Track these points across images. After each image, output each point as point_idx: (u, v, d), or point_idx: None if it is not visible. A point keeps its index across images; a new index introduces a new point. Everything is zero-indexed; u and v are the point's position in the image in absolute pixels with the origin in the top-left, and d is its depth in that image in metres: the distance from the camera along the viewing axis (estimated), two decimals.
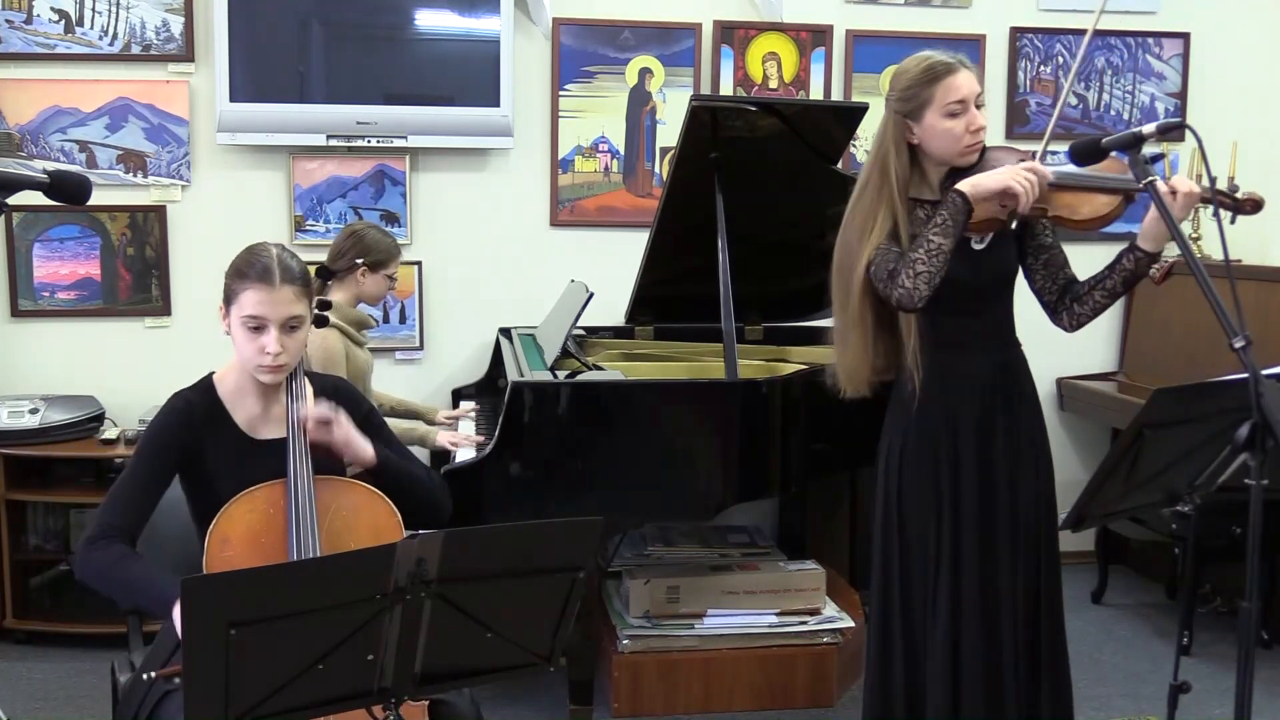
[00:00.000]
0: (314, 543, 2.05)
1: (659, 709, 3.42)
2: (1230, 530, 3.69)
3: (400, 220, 4.29)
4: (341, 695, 1.68)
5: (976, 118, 2.42)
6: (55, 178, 2.06)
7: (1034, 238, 2.55)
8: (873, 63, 4.50)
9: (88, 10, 4.08)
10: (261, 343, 2.12)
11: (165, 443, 2.18)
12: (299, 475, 2.11)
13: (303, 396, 2.21)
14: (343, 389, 2.36)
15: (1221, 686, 3.53)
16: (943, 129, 2.41)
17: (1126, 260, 2.42)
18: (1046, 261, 2.54)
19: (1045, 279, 2.55)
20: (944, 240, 2.34)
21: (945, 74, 2.40)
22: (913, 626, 2.54)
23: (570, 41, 4.34)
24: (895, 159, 2.45)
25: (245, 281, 2.13)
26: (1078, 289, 2.52)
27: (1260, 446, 1.79)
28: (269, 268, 2.12)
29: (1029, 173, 2.33)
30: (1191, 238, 4.44)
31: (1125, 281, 2.45)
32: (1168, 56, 4.68)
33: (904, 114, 2.45)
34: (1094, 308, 2.50)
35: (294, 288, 2.14)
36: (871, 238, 2.44)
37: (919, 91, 2.42)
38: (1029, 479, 2.51)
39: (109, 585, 2.07)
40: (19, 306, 4.15)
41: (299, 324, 2.16)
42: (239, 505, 2.09)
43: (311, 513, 2.07)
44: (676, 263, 3.66)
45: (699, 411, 3.17)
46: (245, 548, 2.05)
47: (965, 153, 2.44)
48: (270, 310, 2.11)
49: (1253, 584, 1.83)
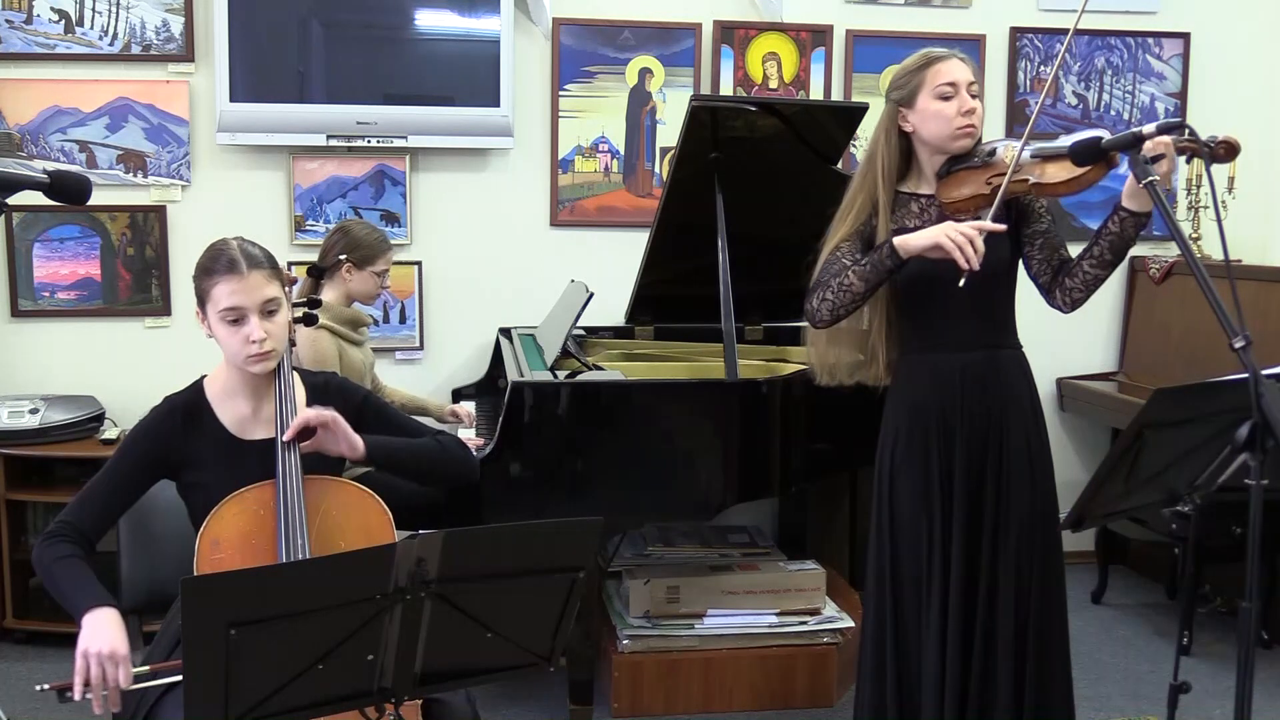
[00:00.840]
0: (303, 543, 2.04)
1: (659, 709, 3.42)
2: (1230, 530, 3.69)
3: (400, 220, 4.30)
4: (341, 695, 1.68)
5: (967, 100, 2.44)
6: (55, 178, 2.06)
7: (1029, 224, 2.53)
8: (873, 63, 4.50)
9: (88, 10, 4.08)
10: (244, 333, 2.12)
11: (143, 450, 2.19)
12: (288, 476, 2.10)
13: (292, 395, 2.21)
14: (334, 383, 2.34)
15: (1221, 686, 3.53)
16: (934, 110, 2.44)
17: (1112, 223, 2.37)
18: (1042, 245, 2.52)
19: (1041, 262, 2.52)
20: (860, 283, 2.42)
21: (937, 60, 2.47)
22: (904, 626, 2.55)
23: (570, 41, 4.34)
24: (884, 146, 2.51)
25: (214, 277, 2.13)
26: (1069, 265, 2.49)
27: (1260, 446, 1.79)
28: (234, 258, 2.13)
29: (960, 232, 2.31)
30: (1191, 238, 4.43)
31: (1113, 247, 2.38)
32: (1168, 56, 4.68)
33: (898, 101, 2.49)
34: (1084, 280, 2.45)
35: (262, 272, 2.14)
36: (846, 223, 2.50)
37: (911, 78, 2.47)
38: (1022, 481, 2.50)
39: (47, 582, 2.12)
40: (19, 306, 4.15)
41: (276, 307, 2.16)
42: (229, 507, 2.09)
43: (301, 513, 2.07)
44: (676, 263, 3.66)
45: (699, 411, 3.17)
46: (236, 549, 2.05)
47: (957, 135, 2.44)
48: (245, 298, 2.11)
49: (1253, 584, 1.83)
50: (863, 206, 2.50)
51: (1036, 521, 2.51)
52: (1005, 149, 2.43)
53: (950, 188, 2.46)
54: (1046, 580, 2.52)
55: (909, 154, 2.54)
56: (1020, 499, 2.50)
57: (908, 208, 2.51)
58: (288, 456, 2.12)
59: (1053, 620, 2.53)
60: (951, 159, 2.48)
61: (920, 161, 2.53)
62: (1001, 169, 2.40)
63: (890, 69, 4.50)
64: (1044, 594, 2.51)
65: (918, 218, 2.49)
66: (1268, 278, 3.97)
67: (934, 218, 2.47)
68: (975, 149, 2.48)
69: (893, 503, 2.56)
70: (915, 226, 2.46)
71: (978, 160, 2.46)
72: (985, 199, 2.40)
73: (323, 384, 2.32)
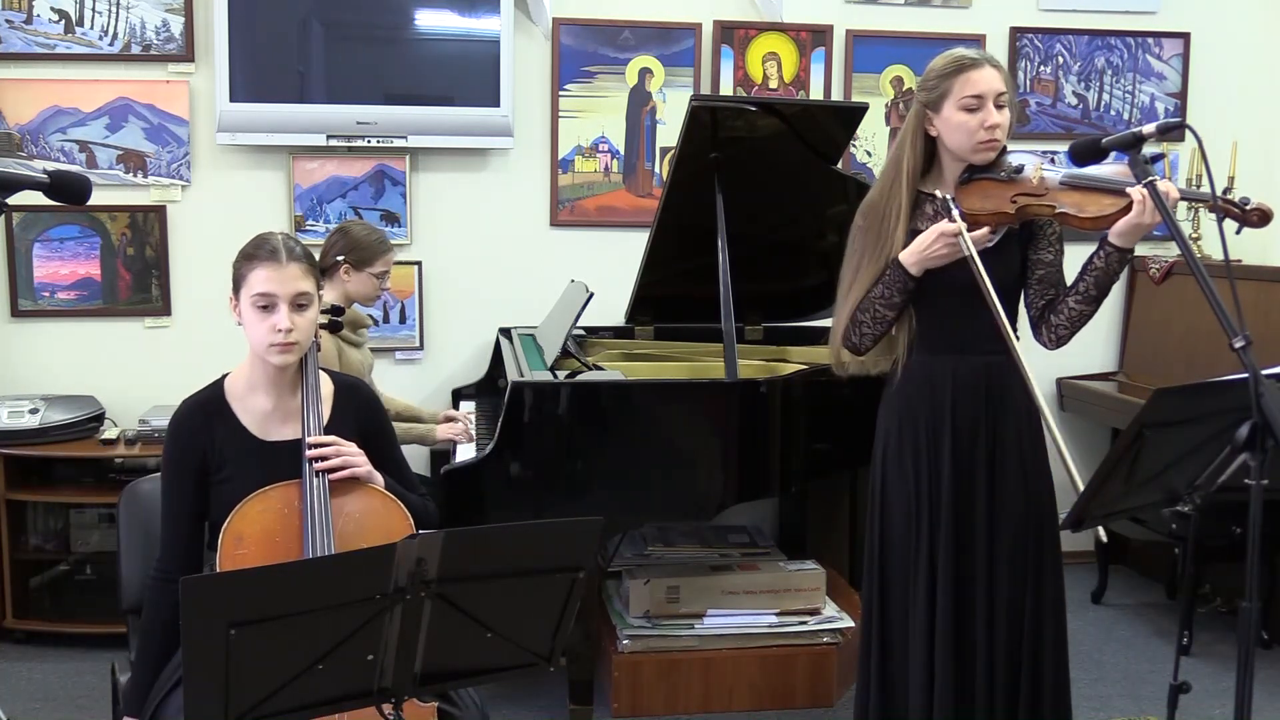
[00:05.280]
0: (329, 544, 2.05)
1: (659, 709, 3.42)
2: (1230, 530, 3.69)
3: (400, 220, 4.29)
4: (341, 695, 1.68)
5: (992, 114, 2.40)
6: (55, 178, 2.06)
7: (1036, 250, 2.51)
8: (873, 63, 4.50)
9: (88, 10, 4.08)
10: (272, 321, 2.13)
11: (176, 457, 2.20)
12: (313, 476, 2.12)
13: (318, 394, 2.22)
14: (364, 393, 2.36)
15: (1221, 686, 3.53)
16: (957, 122, 2.41)
17: (1097, 259, 2.38)
18: (1041, 276, 2.51)
19: (1036, 294, 2.52)
20: (890, 312, 2.48)
21: (969, 68, 2.41)
22: (890, 628, 2.56)
23: (570, 41, 4.34)
24: (909, 149, 2.49)
25: (254, 262, 2.15)
26: (1055, 303, 2.49)
27: (1260, 446, 1.79)
28: (276, 247, 2.16)
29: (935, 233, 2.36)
30: (1191, 238, 4.44)
31: (1098, 282, 2.40)
32: (1168, 56, 4.68)
33: (926, 104, 2.46)
34: (1070, 317, 2.45)
35: (300, 265, 2.17)
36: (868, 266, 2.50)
37: (940, 82, 2.43)
38: (1014, 485, 2.50)
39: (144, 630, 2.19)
40: (19, 306, 4.15)
41: (307, 303, 2.17)
42: (253, 504, 2.09)
43: (326, 514, 2.08)
44: (677, 263, 3.66)
45: (699, 411, 3.17)
46: (259, 546, 2.06)
47: (979, 149, 2.43)
48: (279, 287, 2.13)
49: (1253, 584, 1.83)
50: (895, 213, 2.48)
51: (1031, 523, 2.50)
52: (1033, 168, 2.41)
53: (972, 197, 2.42)
54: (1043, 581, 2.51)
55: (932, 155, 2.53)
56: (1013, 501, 2.50)
57: (922, 209, 2.50)
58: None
59: (1050, 621, 2.52)
60: (973, 166, 2.47)
61: (942, 164, 2.51)
62: (1028, 189, 2.39)
63: (890, 69, 4.54)
64: (1040, 595, 2.51)
65: (930, 219, 2.47)
66: (1268, 278, 3.97)
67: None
68: (998, 160, 2.45)
69: (883, 504, 2.57)
70: (926, 229, 2.46)
71: (1002, 174, 2.43)
72: (1009, 217, 2.40)
73: (353, 385, 2.34)
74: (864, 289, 2.49)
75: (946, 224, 2.35)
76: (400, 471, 2.34)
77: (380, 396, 3.66)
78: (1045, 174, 2.40)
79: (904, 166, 2.48)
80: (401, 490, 2.27)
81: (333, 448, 2.16)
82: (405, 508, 2.21)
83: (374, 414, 2.34)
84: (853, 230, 2.57)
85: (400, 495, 2.24)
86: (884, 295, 2.46)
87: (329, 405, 2.26)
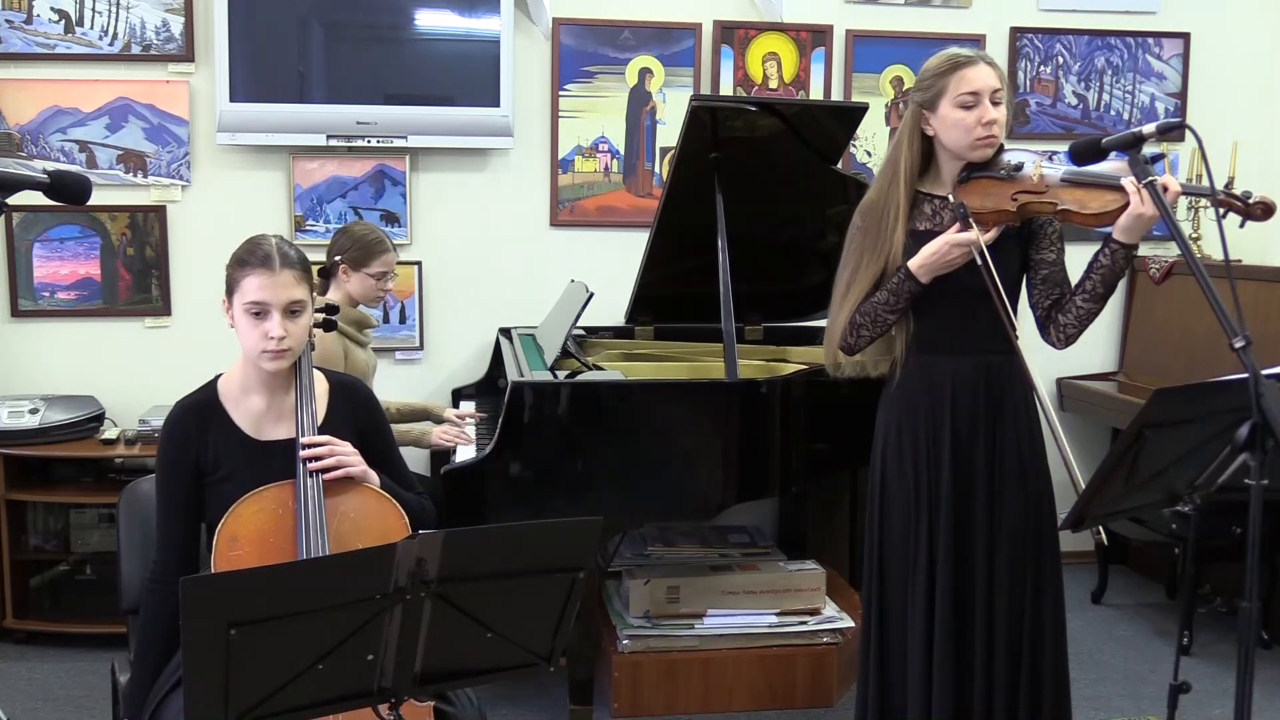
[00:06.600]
0: (323, 544, 2.05)
1: (659, 709, 3.42)
2: (1230, 530, 3.69)
3: (400, 220, 4.29)
4: (341, 695, 1.68)
5: (989, 111, 2.39)
6: (55, 178, 2.06)
7: (1038, 250, 2.51)
8: (873, 63, 4.50)
9: (88, 10, 4.08)
10: (265, 328, 2.13)
11: (171, 459, 2.20)
12: (308, 476, 2.11)
13: (313, 393, 2.22)
14: (361, 392, 2.35)
15: (1221, 686, 3.53)
16: (954, 119, 2.41)
17: (1103, 256, 2.38)
18: (1045, 277, 2.50)
19: (1041, 294, 2.51)
20: (892, 316, 2.47)
21: (964, 65, 2.41)
22: (889, 628, 2.56)
23: (570, 41, 4.34)
24: (906, 149, 2.48)
25: (247, 268, 2.14)
26: (1062, 301, 2.49)
27: (1260, 446, 1.79)
28: (269, 254, 2.14)
29: (949, 243, 2.37)
30: (1191, 238, 4.44)
31: (1104, 280, 2.40)
32: (1168, 56, 4.68)
33: (921, 103, 2.45)
34: (1078, 315, 2.45)
35: (294, 272, 2.15)
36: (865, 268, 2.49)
37: (935, 81, 2.43)
38: (1014, 485, 2.50)
39: (142, 633, 2.20)
40: (19, 306, 4.15)
41: (300, 309, 2.17)
42: (247, 505, 2.09)
43: (321, 514, 2.08)
44: (677, 263, 3.66)
45: (699, 411, 3.17)
46: (254, 547, 2.06)
47: (976, 146, 2.42)
48: (272, 294, 2.12)
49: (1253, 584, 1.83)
50: (893, 213, 2.47)
51: (1031, 523, 2.50)
52: (1032, 166, 2.40)
53: (972, 196, 2.41)
54: (1042, 581, 2.51)
55: (929, 155, 2.53)
56: (1013, 501, 2.49)
57: (920, 209, 2.49)
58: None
59: (1050, 621, 2.52)
60: (971, 164, 2.46)
61: (940, 163, 2.51)
62: (1029, 187, 2.38)
63: (890, 69, 4.53)
64: (1040, 595, 2.51)
65: (929, 219, 2.47)
66: (1268, 278, 3.97)
67: (945, 221, 2.45)
68: (997, 158, 2.44)
69: (883, 504, 2.57)
70: (925, 229, 2.46)
71: (1002, 172, 2.42)
72: (1010, 215, 2.38)
73: (349, 384, 2.34)
74: (863, 290, 2.49)
75: (962, 233, 2.34)
76: (397, 470, 2.34)
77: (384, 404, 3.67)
78: (1045, 171, 2.39)
79: (901, 167, 2.48)
80: (398, 489, 2.27)
81: (326, 448, 2.15)
82: (402, 507, 2.20)
83: (370, 412, 2.33)
84: (850, 231, 2.57)
85: (396, 494, 2.24)
86: (889, 301, 2.45)
87: (324, 404, 2.26)
